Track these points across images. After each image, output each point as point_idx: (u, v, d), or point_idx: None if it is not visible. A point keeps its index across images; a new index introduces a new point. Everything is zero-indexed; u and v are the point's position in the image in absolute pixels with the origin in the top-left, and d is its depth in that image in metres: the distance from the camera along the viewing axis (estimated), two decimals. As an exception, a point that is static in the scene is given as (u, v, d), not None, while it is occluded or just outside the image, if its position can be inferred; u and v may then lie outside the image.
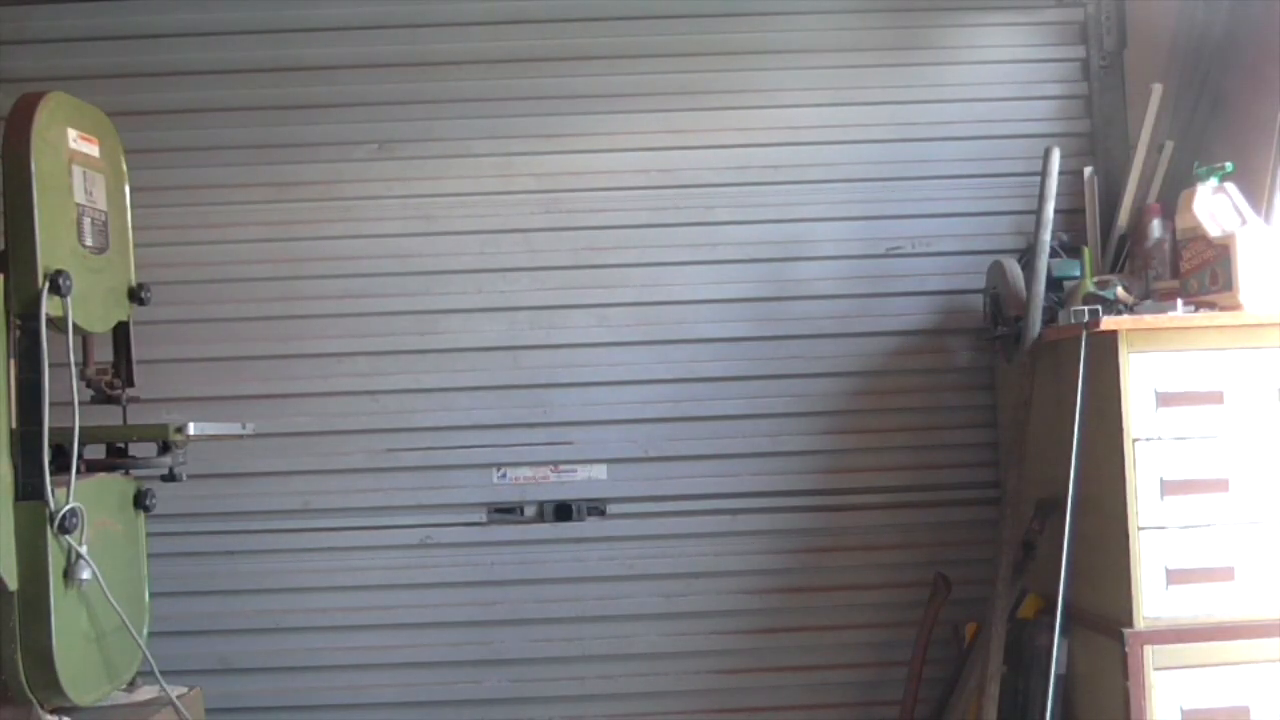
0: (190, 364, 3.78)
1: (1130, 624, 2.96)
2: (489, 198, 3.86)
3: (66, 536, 2.72)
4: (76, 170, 2.90)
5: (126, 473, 3.15)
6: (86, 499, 2.79)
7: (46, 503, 2.68)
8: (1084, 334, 3.07)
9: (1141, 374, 3.00)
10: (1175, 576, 2.98)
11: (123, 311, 3.16)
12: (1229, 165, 3.19)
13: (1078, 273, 3.53)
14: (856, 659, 3.86)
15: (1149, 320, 3.03)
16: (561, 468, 3.85)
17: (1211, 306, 3.08)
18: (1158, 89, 3.71)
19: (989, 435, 3.89)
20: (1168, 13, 3.89)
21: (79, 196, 2.91)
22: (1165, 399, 3.00)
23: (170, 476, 3.18)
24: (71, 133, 2.90)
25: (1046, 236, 3.40)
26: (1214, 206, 3.16)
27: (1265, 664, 2.98)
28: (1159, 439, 3.00)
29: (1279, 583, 3.00)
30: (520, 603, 3.82)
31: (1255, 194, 3.32)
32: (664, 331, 3.87)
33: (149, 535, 3.28)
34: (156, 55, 3.84)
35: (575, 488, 3.83)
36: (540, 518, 3.84)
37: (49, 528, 2.68)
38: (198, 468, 3.34)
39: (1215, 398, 3.02)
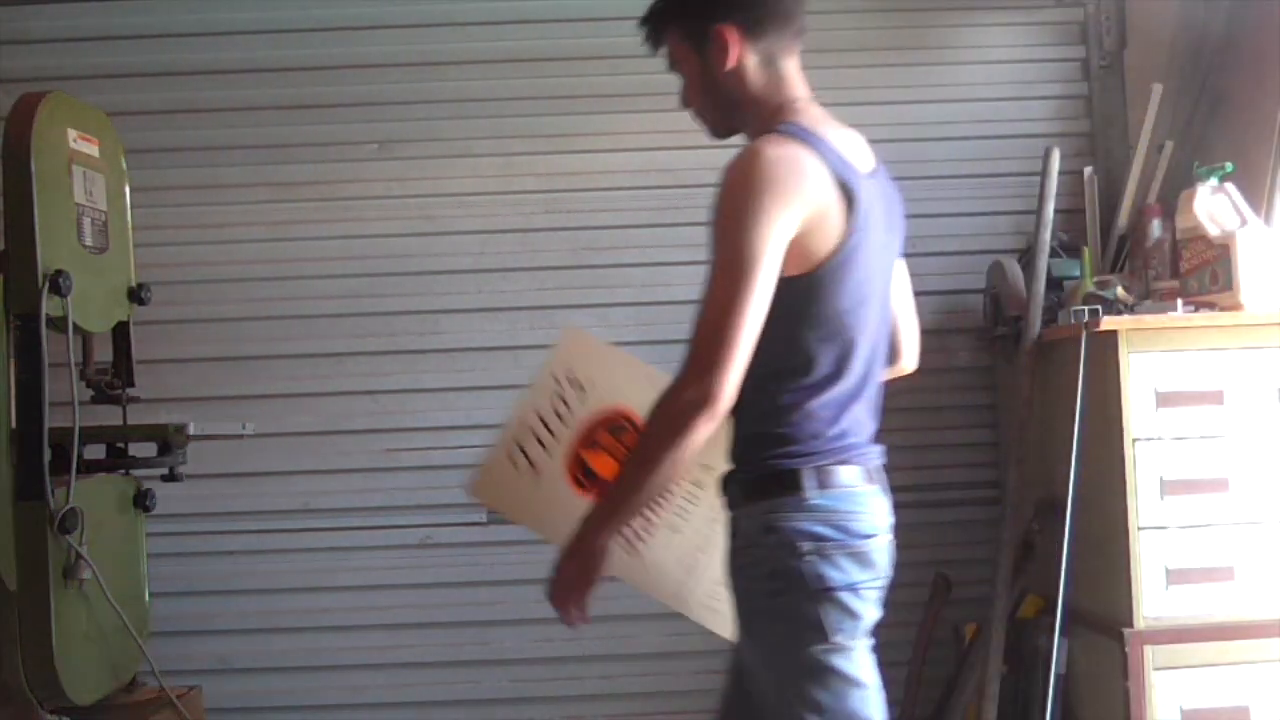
0: (190, 364, 3.78)
1: (1130, 624, 2.97)
2: (489, 198, 3.86)
3: (66, 536, 2.71)
4: (76, 170, 2.90)
5: (126, 473, 3.15)
6: (86, 499, 2.79)
7: (46, 503, 2.68)
8: (1084, 334, 3.08)
9: (1141, 374, 3.00)
10: (1175, 576, 2.98)
11: (123, 311, 3.16)
12: (1229, 165, 3.19)
13: (1077, 273, 3.53)
14: (856, 659, 3.85)
15: (1149, 320, 3.04)
16: (561, 468, 3.84)
17: (1211, 306, 3.08)
18: (1157, 89, 3.71)
19: (989, 435, 3.89)
20: (1168, 13, 3.89)
21: (79, 196, 2.91)
22: (1165, 399, 3.00)
23: (170, 476, 3.18)
24: (71, 133, 2.90)
25: (1046, 236, 3.40)
26: (1214, 206, 3.16)
27: (1265, 664, 2.98)
28: (1159, 439, 3.01)
29: (1279, 583, 3.01)
30: (520, 602, 3.81)
31: (1255, 194, 3.32)
32: (664, 331, 3.85)
33: (149, 535, 3.28)
34: (156, 55, 3.84)
35: (575, 488, 3.83)
36: (540, 518, 3.83)
37: (49, 528, 2.68)
38: (198, 468, 3.33)
39: (1215, 398, 3.02)
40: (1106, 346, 3.03)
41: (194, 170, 3.82)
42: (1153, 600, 2.98)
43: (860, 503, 2.03)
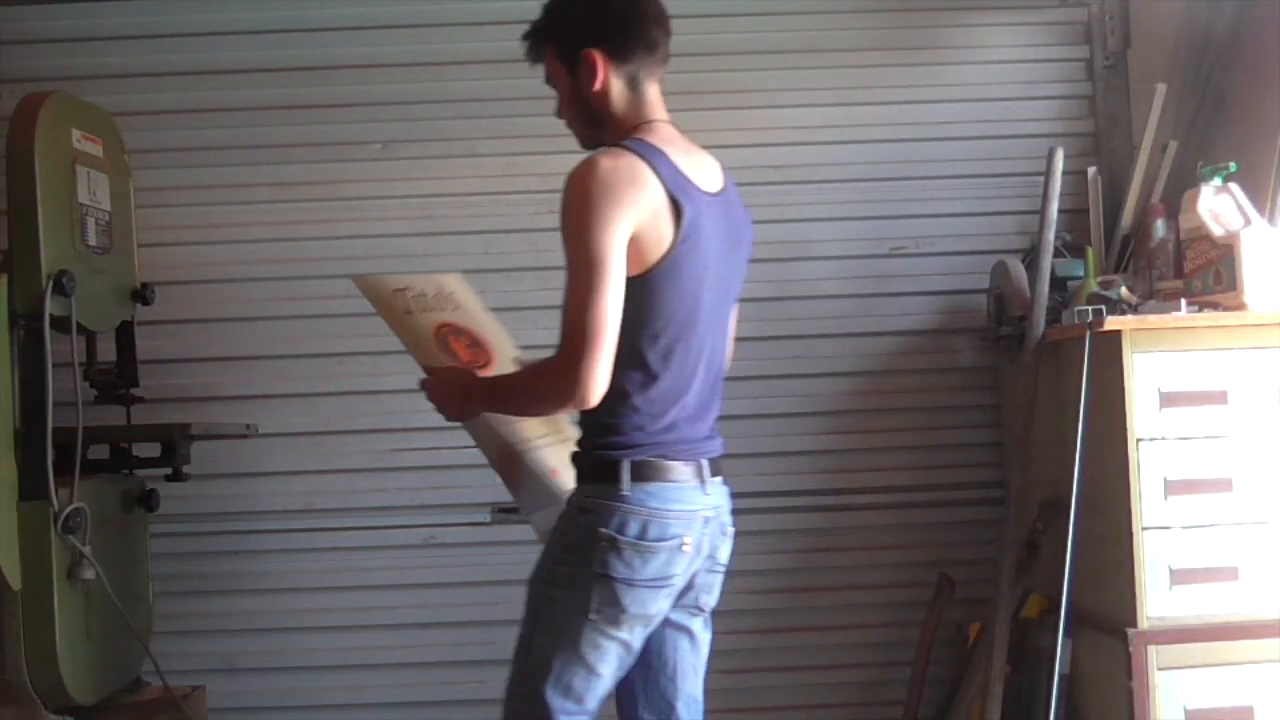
0: (194, 364, 3.77)
1: (1134, 624, 2.96)
2: (493, 197, 3.86)
3: (70, 536, 2.72)
4: (80, 170, 2.91)
5: (130, 472, 3.16)
6: (90, 499, 2.80)
7: (50, 503, 2.69)
8: (1088, 334, 3.07)
9: (1145, 374, 3.00)
10: (1179, 576, 2.98)
11: (126, 311, 3.17)
12: (1232, 165, 3.18)
13: (1081, 273, 3.53)
14: (859, 659, 3.86)
15: (1153, 320, 3.03)
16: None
17: (1215, 306, 3.08)
18: (1161, 89, 3.71)
19: (993, 435, 3.89)
20: (1171, 13, 3.89)
21: (82, 196, 2.91)
22: (1169, 399, 3.00)
23: (173, 476, 3.19)
24: (75, 133, 2.90)
25: (1050, 236, 3.40)
26: (1218, 206, 3.16)
27: (1268, 664, 2.97)
28: (1163, 439, 3.00)
29: (1283, 583, 3.01)
30: (524, 602, 3.80)
31: (1259, 194, 3.32)
32: (667, 331, 3.86)
33: (152, 535, 3.29)
34: (158, 56, 3.84)
35: (578, 488, 3.82)
36: (544, 517, 3.83)
37: (53, 528, 2.68)
38: (201, 468, 3.34)
39: (1219, 397, 3.01)
40: (1110, 347, 3.03)
41: (197, 170, 3.82)
42: (1156, 600, 2.97)
43: (676, 499, 2.23)
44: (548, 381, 2.20)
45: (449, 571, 3.82)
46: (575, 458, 2.31)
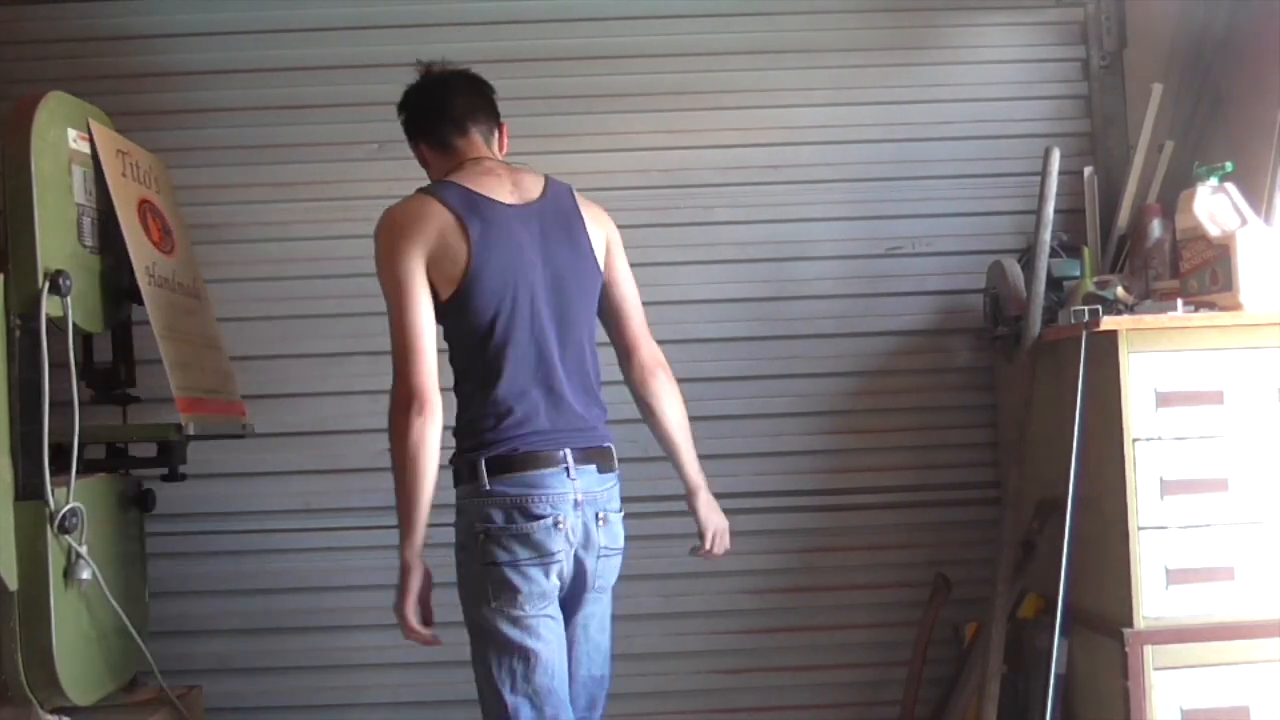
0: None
1: (1130, 624, 2.96)
2: (489, 197, 3.85)
3: (66, 536, 2.72)
4: (76, 170, 2.91)
5: (126, 472, 3.16)
6: (86, 499, 2.79)
7: (47, 502, 2.68)
8: (1084, 334, 3.07)
9: (1141, 374, 3.00)
10: (1175, 576, 2.98)
11: (123, 311, 3.17)
12: (1229, 165, 3.18)
13: (1078, 273, 3.53)
14: (856, 659, 3.86)
15: (1149, 320, 3.03)
16: (561, 468, 3.84)
17: (1211, 306, 3.08)
18: (1158, 89, 3.71)
19: (989, 435, 3.89)
20: (1168, 13, 3.89)
21: (79, 196, 2.91)
22: (1165, 399, 3.00)
23: (170, 476, 3.18)
24: (71, 133, 2.90)
25: (1046, 236, 3.40)
26: (1214, 206, 3.16)
27: (1265, 664, 2.98)
28: (1159, 439, 3.00)
29: (1279, 583, 3.01)
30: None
31: (1255, 194, 3.32)
32: (663, 331, 3.82)
33: (149, 535, 3.28)
34: (156, 56, 3.84)
35: (575, 488, 3.82)
36: (540, 517, 3.83)
37: (49, 527, 2.68)
38: (197, 468, 3.34)
39: (1215, 397, 3.02)
40: (1106, 346, 3.03)
41: (194, 171, 3.81)
42: (1153, 600, 2.97)
43: (535, 485, 2.47)
44: (395, 413, 2.45)
45: (445, 571, 3.78)
46: (452, 462, 2.56)
